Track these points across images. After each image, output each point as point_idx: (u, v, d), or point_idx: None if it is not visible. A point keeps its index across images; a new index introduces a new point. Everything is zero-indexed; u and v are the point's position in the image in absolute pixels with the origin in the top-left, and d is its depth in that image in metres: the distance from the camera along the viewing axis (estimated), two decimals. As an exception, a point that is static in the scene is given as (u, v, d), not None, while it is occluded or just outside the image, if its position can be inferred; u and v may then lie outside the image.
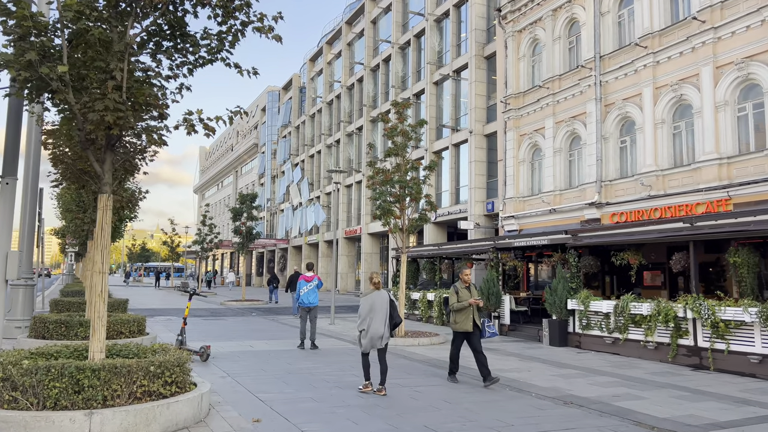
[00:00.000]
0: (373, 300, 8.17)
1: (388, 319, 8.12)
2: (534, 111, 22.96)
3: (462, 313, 8.94)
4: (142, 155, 12.85)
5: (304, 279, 12.81)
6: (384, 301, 8.17)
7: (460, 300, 8.97)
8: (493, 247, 16.66)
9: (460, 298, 8.99)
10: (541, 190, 22.50)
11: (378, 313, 8.06)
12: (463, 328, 8.95)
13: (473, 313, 8.96)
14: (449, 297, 9.05)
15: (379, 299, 8.19)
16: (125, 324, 11.18)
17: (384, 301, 8.18)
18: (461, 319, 8.96)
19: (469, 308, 8.91)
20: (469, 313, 8.93)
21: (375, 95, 37.88)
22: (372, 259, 37.40)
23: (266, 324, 18.32)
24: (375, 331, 8.00)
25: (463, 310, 8.92)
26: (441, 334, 14.53)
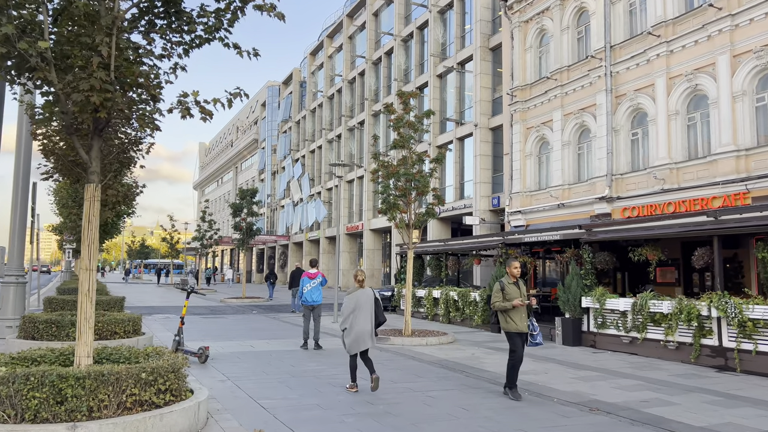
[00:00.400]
0: (357, 298, 7.97)
1: (373, 318, 7.94)
2: (541, 103, 22.37)
3: (516, 311, 7.63)
4: (137, 146, 12.33)
5: (308, 276, 12.26)
6: (369, 299, 7.97)
7: (508, 297, 7.62)
8: (502, 243, 16.10)
9: (507, 295, 7.64)
10: (548, 184, 21.93)
11: (362, 311, 7.88)
12: (519, 328, 7.65)
13: (526, 313, 7.73)
14: (493, 294, 7.82)
15: (363, 297, 7.98)
16: (119, 324, 10.63)
17: (369, 299, 7.98)
18: (516, 318, 7.63)
19: (523, 308, 7.65)
20: (523, 312, 7.66)
21: (377, 89, 37.27)
22: (374, 255, 36.86)
23: (267, 322, 17.78)
24: (360, 330, 7.81)
25: (516, 309, 7.61)
26: (449, 333, 13.99)
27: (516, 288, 7.72)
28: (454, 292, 17.52)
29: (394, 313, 21.01)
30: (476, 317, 16.31)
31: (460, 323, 17.27)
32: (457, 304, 17.38)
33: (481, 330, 16.09)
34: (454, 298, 17.42)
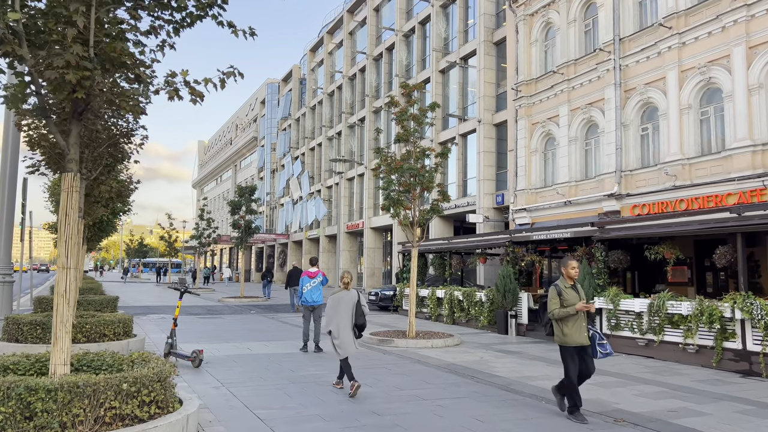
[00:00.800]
0: (339, 299, 7.93)
1: (352, 321, 7.86)
2: (547, 98, 21.81)
3: (571, 320, 6.50)
4: (129, 138, 11.76)
5: (308, 275, 11.69)
6: (351, 301, 7.90)
7: (566, 303, 6.51)
8: (509, 241, 15.54)
9: (564, 300, 6.51)
10: (555, 181, 21.37)
11: (344, 313, 7.83)
12: (577, 340, 6.50)
13: (584, 321, 6.61)
14: (549, 301, 6.64)
15: (346, 298, 7.93)
16: (109, 325, 10.05)
17: (351, 301, 7.91)
18: (572, 328, 6.49)
19: (580, 314, 6.55)
20: (581, 321, 6.54)
21: (378, 85, 36.69)
22: (375, 254, 36.30)
23: (265, 323, 17.21)
24: (343, 334, 7.78)
25: (572, 317, 6.50)
26: (455, 335, 13.42)
27: (574, 292, 6.62)
28: (458, 292, 16.96)
29: (396, 314, 20.45)
30: (482, 318, 15.75)
31: (465, 324, 16.71)
32: (461, 305, 16.82)
33: (487, 331, 15.53)
34: (459, 298, 16.86)
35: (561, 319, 6.52)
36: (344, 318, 7.80)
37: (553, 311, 6.55)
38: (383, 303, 21.73)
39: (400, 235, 31.99)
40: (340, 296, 7.96)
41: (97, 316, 10.86)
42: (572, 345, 6.51)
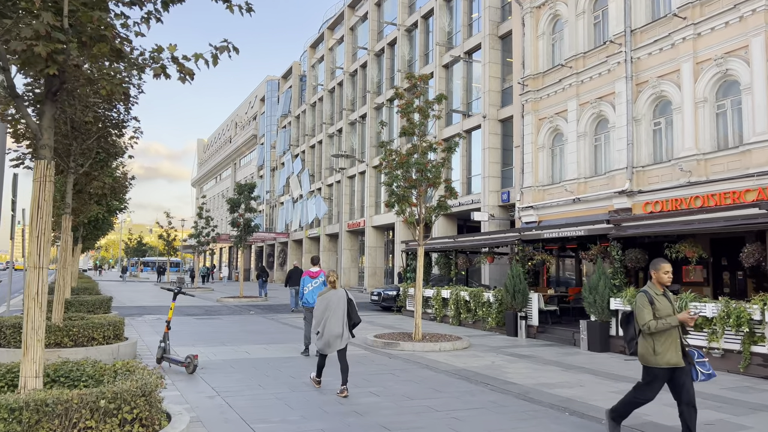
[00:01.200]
0: (329, 299, 7.75)
1: (346, 319, 7.70)
2: (555, 93, 21.19)
3: (665, 335, 5.27)
4: (120, 130, 11.15)
5: (309, 275, 11.08)
6: (341, 300, 7.75)
7: (659, 314, 5.27)
8: (519, 239, 14.93)
9: (657, 311, 5.28)
10: (563, 178, 20.76)
11: (334, 312, 7.65)
12: (671, 360, 5.26)
13: (679, 337, 5.38)
14: (638, 310, 5.35)
15: (335, 298, 7.76)
16: (98, 328, 9.44)
17: (341, 300, 7.75)
18: (665, 345, 5.27)
19: (674, 329, 5.32)
20: (676, 336, 5.31)
21: (379, 81, 36.06)
22: (376, 253, 35.69)
23: (265, 324, 16.61)
24: (331, 332, 7.59)
25: (665, 332, 5.26)
26: (463, 338, 12.81)
27: (667, 301, 5.39)
28: (465, 292, 16.36)
29: (400, 315, 19.85)
30: (490, 319, 15.15)
31: (472, 326, 16.11)
32: (468, 305, 16.22)
33: (495, 333, 14.93)
34: (466, 298, 16.26)
35: (653, 335, 5.27)
36: (336, 317, 7.61)
37: (648, 323, 5.22)
38: (386, 303, 21.14)
39: (403, 234, 31.38)
40: (328, 296, 7.77)
41: (86, 318, 10.27)
42: (664, 366, 5.26)
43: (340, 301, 7.73)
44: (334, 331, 7.57)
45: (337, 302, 7.71)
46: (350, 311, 7.73)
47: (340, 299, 7.74)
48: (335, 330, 7.57)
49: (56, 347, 8.99)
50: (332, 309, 7.65)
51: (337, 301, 7.71)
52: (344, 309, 7.69)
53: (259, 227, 28.18)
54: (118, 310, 20.04)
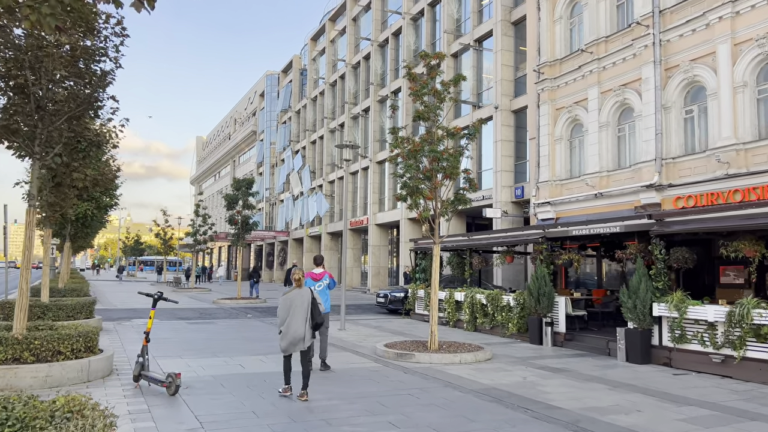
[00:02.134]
0: (292, 299, 7.53)
1: (310, 319, 7.47)
2: (574, 80, 19.80)
3: None
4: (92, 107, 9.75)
5: (311, 277, 9.70)
6: (304, 300, 7.51)
7: None
8: (543, 237, 13.54)
9: None
10: (583, 171, 19.37)
11: (297, 312, 7.45)
12: None
13: None
14: None
15: (299, 298, 7.52)
16: (66, 340, 8.06)
17: (304, 299, 7.52)
18: None
19: None
20: None
21: (383, 73, 34.66)
22: (380, 251, 34.31)
23: (263, 330, 15.23)
24: (294, 333, 7.39)
25: None
26: (485, 348, 11.41)
27: None
28: (481, 295, 14.98)
29: (408, 318, 18.46)
30: (510, 325, 13.76)
31: (490, 331, 14.73)
32: (485, 309, 14.85)
33: (517, 340, 13.55)
34: (482, 302, 14.89)
35: None
36: (299, 316, 7.40)
37: None
38: (393, 306, 19.75)
39: (408, 232, 30.00)
40: (292, 295, 7.54)
41: (55, 327, 8.89)
42: None
43: (304, 301, 7.47)
44: (297, 332, 7.35)
45: (301, 302, 7.46)
46: (313, 312, 7.49)
47: (303, 299, 7.49)
48: (298, 331, 7.35)
49: (14, 363, 7.62)
50: (296, 308, 7.42)
51: (300, 301, 7.46)
52: (308, 309, 7.45)
53: (258, 225, 26.79)
54: (107, 313, 18.71)
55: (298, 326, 7.36)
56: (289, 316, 7.42)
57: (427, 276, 18.22)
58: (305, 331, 7.37)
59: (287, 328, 7.40)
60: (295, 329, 7.35)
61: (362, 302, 26.21)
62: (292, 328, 7.37)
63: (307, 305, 7.47)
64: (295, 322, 7.38)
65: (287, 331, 7.39)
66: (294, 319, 7.38)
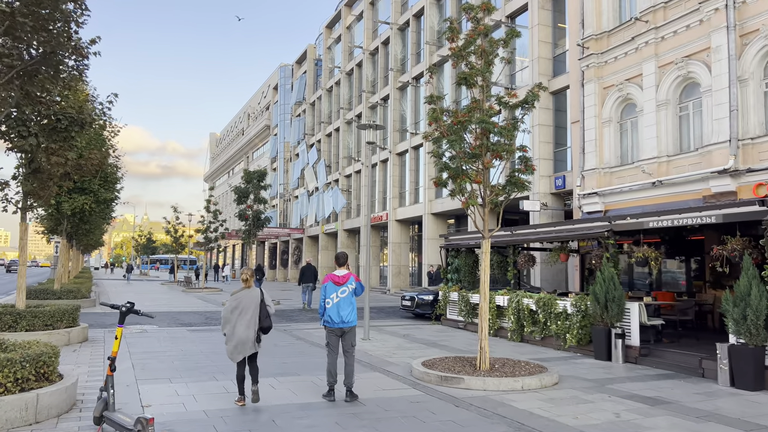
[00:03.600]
0: (240, 299, 7.01)
1: (257, 323, 6.96)
2: (625, 54, 17.44)
3: None
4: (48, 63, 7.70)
5: (333, 280, 7.55)
6: (253, 301, 7.00)
7: None
8: (610, 230, 11.27)
9: None
10: (637, 157, 17.02)
11: (245, 314, 6.93)
12: None
13: None
14: None
15: (246, 299, 7.00)
16: (5, 367, 5.99)
17: (253, 300, 7.00)
18: None
19: None
20: None
21: (403, 58, 32.45)
22: (401, 249, 32.14)
23: (275, 339, 13.16)
24: (241, 337, 6.88)
25: None
26: (547, 367, 9.18)
27: None
28: (529, 300, 12.75)
29: (440, 325, 16.26)
30: (569, 336, 11.51)
31: (541, 342, 12.49)
32: (534, 316, 12.62)
33: (577, 354, 11.30)
34: (531, 307, 12.65)
35: None
36: (246, 318, 6.90)
37: None
38: (421, 310, 17.56)
39: (432, 228, 27.82)
40: (240, 296, 7.02)
41: (5, 345, 6.84)
42: None
43: (253, 302, 6.98)
44: (242, 335, 6.88)
45: (249, 303, 6.96)
46: (261, 315, 6.99)
47: (252, 300, 6.99)
48: (243, 334, 6.88)
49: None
50: (243, 309, 6.94)
51: (248, 303, 6.97)
52: (255, 311, 6.96)
53: (270, 220, 24.75)
54: (101, 318, 16.78)
55: (244, 329, 6.86)
56: (235, 319, 6.90)
57: (461, 277, 16.03)
58: (252, 334, 6.89)
59: (232, 330, 6.90)
60: (240, 332, 6.86)
61: (383, 304, 24.08)
62: (238, 331, 6.87)
63: (255, 307, 6.95)
64: (241, 324, 6.87)
65: (232, 334, 6.89)
66: (240, 321, 6.88)
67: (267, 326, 7.04)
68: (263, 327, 7.00)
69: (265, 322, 6.99)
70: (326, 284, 7.56)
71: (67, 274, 24.84)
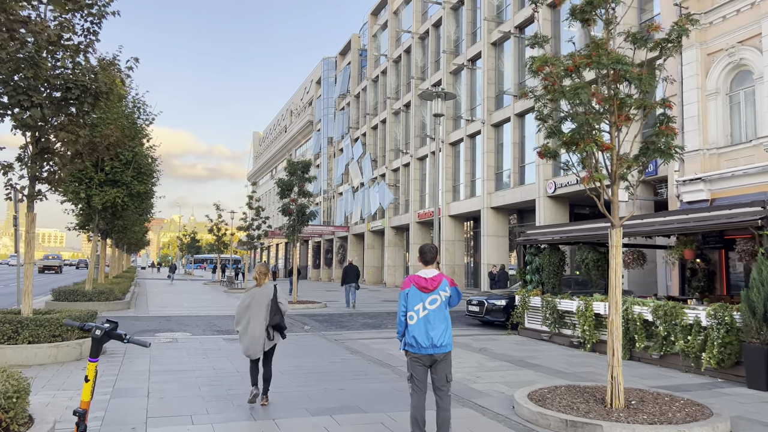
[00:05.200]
0: (252, 296, 6.82)
1: (269, 319, 6.67)
2: (736, 12, 14.54)
3: None
4: None
5: (419, 285, 5.22)
6: (265, 298, 6.77)
7: None
8: (764, 218, 8.55)
9: None
10: (756, 134, 14.10)
11: (257, 311, 6.72)
12: None
13: None
14: None
15: (259, 295, 6.80)
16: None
17: (266, 297, 6.78)
18: None
19: None
20: None
21: (457, 39, 29.94)
22: (455, 248, 29.64)
23: (325, 352, 10.97)
24: (253, 335, 6.67)
25: None
26: (714, 410, 6.60)
27: None
28: (643, 307, 10.12)
29: (517, 335, 13.73)
30: (705, 356, 8.85)
31: (660, 362, 9.85)
32: (650, 328, 10.00)
33: (719, 381, 8.64)
34: (645, 317, 10.03)
35: None
36: (258, 316, 6.68)
37: None
38: (492, 317, 15.05)
39: (492, 224, 25.23)
40: (253, 292, 6.85)
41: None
42: None
43: (265, 299, 6.77)
44: (255, 333, 6.67)
45: (261, 300, 6.76)
46: (272, 310, 6.72)
47: (265, 297, 6.77)
48: (257, 332, 6.67)
49: None
50: (254, 307, 6.74)
51: (261, 299, 6.77)
52: (268, 308, 6.71)
53: (316, 215, 22.70)
54: (130, 324, 14.94)
55: (257, 327, 6.71)
56: (248, 316, 6.76)
57: (542, 278, 13.49)
58: (264, 332, 6.71)
59: (245, 328, 6.77)
60: (254, 330, 6.70)
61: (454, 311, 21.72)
62: (251, 328, 6.72)
63: (268, 304, 6.78)
64: (255, 322, 6.72)
65: (245, 332, 6.77)
66: (253, 319, 6.73)
67: (276, 323, 6.79)
68: (273, 324, 6.75)
69: (273, 319, 6.74)
70: (408, 290, 5.23)
71: (103, 273, 23.40)
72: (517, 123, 24.21)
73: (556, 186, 20.94)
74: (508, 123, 24.85)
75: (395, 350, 11.10)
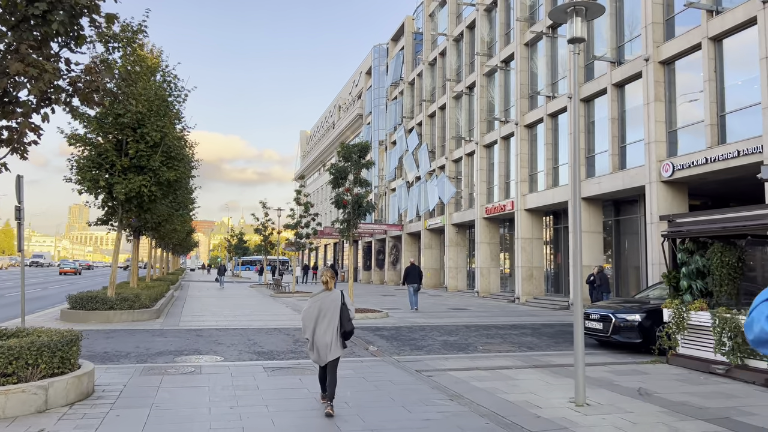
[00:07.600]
0: (321, 302, 6.52)
1: (338, 327, 6.45)
2: None
3: None
4: None
5: None
6: (334, 304, 6.50)
7: None
8: None
9: None
10: None
11: (326, 318, 6.46)
12: None
13: None
14: None
15: (327, 302, 6.52)
16: None
17: (334, 304, 6.51)
18: None
19: None
20: None
21: (533, 5, 25.94)
22: (532, 247, 25.62)
23: (406, 394, 7.43)
24: (321, 342, 6.41)
25: None
26: None
27: None
28: None
29: (664, 364, 9.79)
30: None
31: None
32: None
33: None
34: None
35: None
36: (327, 322, 6.42)
37: None
38: (622, 337, 11.11)
39: (585, 218, 21.15)
40: (320, 298, 6.55)
41: None
42: None
43: (334, 306, 6.48)
44: (324, 339, 6.40)
45: (330, 306, 6.48)
46: (342, 318, 6.46)
47: (333, 303, 6.50)
48: (326, 339, 6.40)
49: None
50: (323, 314, 6.45)
51: (329, 306, 6.48)
52: (336, 315, 6.46)
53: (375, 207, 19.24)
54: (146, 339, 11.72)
55: (326, 334, 6.40)
56: (316, 323, 6.43)
57: (708, 284, 9.53)
58: (334, 339, 6.38)
59: (313, 336, 6.43)
60: (323, 337, 6.39)
61: (529, 320, 17.84)
62: (318, 335, 6.40)
63: (336, 310, 6.43)
64: (322, 328, 6.41)
65: (314, 339, 6.43)
66: (321, 325, 6.42)
67: (349, 330, 6.51)
68: (345, 330, 6.46)
69: (346, 325, 6.48)
70: None
71: (135, 277, 20.62)
72: (615, 94, 20.11)
73: (674, 168, 16.76)
74: (604, 95, 20.80)
75: (514, 393, 7.45)
